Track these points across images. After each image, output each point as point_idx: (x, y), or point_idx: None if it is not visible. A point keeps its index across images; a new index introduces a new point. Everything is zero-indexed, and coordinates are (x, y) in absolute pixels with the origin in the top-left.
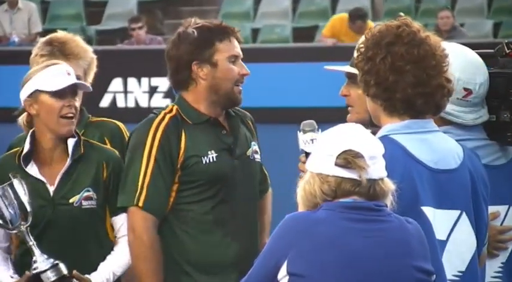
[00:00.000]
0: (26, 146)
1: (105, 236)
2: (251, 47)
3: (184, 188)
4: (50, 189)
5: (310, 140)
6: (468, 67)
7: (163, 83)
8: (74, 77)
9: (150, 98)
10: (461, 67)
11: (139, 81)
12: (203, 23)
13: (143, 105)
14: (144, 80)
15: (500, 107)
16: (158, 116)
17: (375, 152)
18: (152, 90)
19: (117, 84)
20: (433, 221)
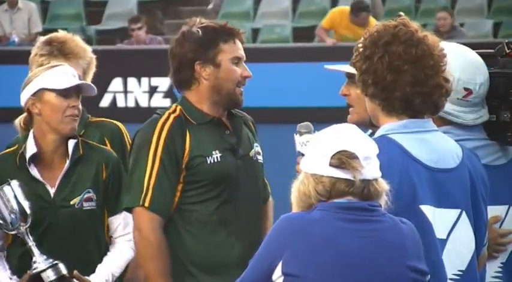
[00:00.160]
0: (30, 147)
1: (103, 236)
2: (251, 47)
3: (189, 188)
4: (51, 191)
5: (306, 142)
6: (468, 67)
7: (163, 83)
8: (78, 78)
9: (150, 98)
10: (462, 67)
11: (139, 81)
12: (208, 23)
13: (143, 105)
14: (144, 80)
15: (500, 107)
16: (162, 116)
17: (369, 153)
18: (152, 90)
19: (117, 84)
20: (433, 220)
